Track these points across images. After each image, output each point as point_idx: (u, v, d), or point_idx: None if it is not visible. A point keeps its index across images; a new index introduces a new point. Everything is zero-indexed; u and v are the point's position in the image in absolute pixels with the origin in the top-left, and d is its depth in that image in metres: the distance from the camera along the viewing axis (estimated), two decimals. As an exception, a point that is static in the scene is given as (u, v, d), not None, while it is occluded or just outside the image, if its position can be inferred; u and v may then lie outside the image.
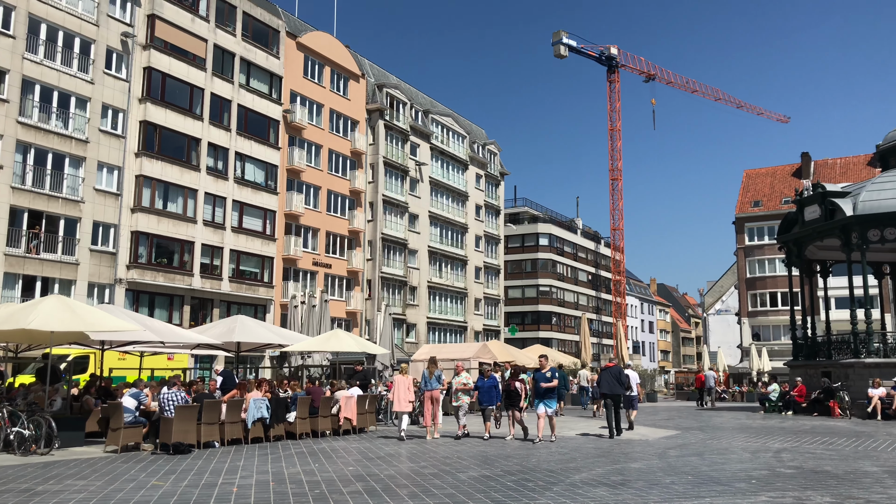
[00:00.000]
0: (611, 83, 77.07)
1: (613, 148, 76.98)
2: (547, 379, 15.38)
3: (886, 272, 32.52)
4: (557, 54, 74.04)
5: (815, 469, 11.20)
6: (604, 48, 76.28)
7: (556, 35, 73.86)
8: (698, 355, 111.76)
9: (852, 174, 60.07)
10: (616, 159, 77.00)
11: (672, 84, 77.85)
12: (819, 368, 26.34)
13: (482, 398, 16.17)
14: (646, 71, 77.24)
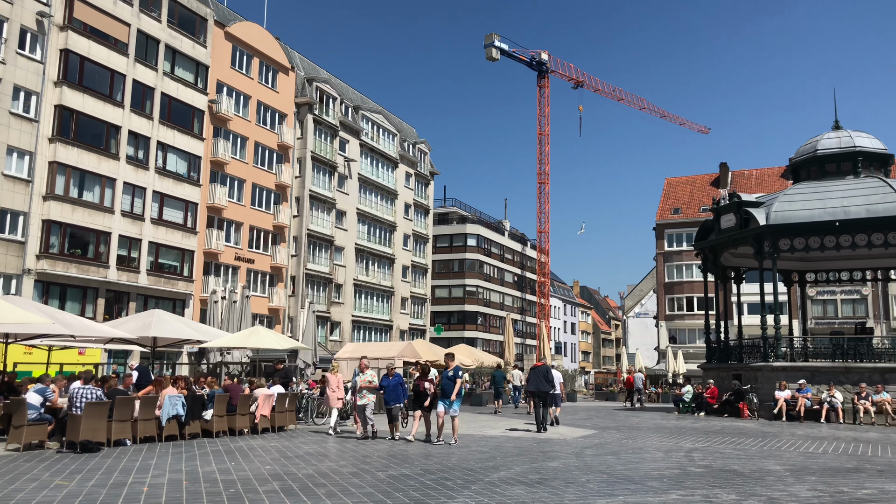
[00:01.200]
0: (540, 88, 78.22)
1: (542, 152, 78.17)
2: (450, 378, 14.88)
3: (795, 280, 34.03)
4: (489, 57, 74.66)
5: (724, 468, 11.61)
6: (535, 53, 77.36)
7: (488, 38, 74.47)
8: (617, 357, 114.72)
9: (767, 185, 62.71)
10: (544, 163, 78.21)
11: (599, 91, 79.62)
12: (730, 371, 27.35)
13: (388, 397, 15.72)
14: (574, 77, 78.73)
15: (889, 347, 26.40)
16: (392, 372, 15.89)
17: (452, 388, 14.76)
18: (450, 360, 15.36)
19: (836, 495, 9.11)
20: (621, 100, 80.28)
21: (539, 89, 78.27)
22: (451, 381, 14.84)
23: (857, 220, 24.43)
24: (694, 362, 44.94)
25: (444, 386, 14.90)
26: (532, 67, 77.96)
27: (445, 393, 14.83)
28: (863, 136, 28.56)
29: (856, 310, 59.02)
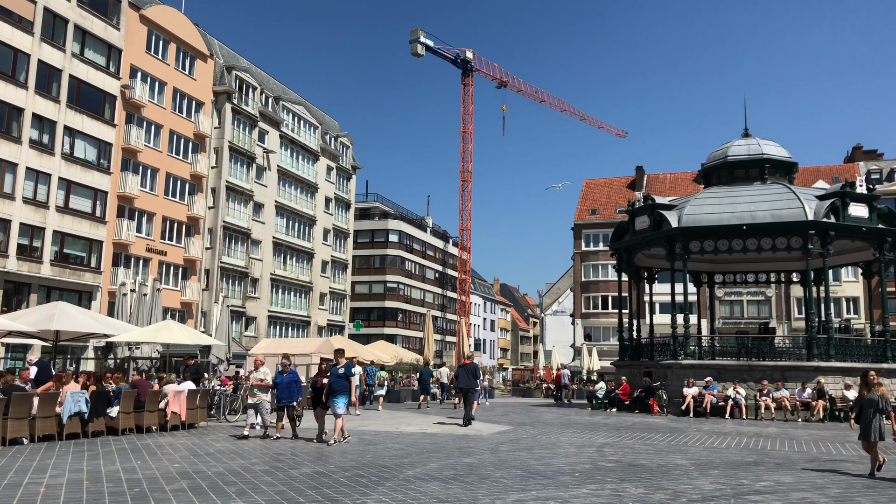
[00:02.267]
0: (465, 86, 78.64)
1: (465, 150, 78.62)
2: (340, 375, 14.19)
3: (705, 281, 35.31)
4: (414, 52, 74.54)
5: (633, 462, 11.91)
6: (460, 51, 77.67)
7: (413, 33, 74.33)
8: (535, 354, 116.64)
9: (680, 189, 64.91)
10: (467, 161, 78.70)
11: (522, 92, 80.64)
12: (642, 368, 28.16)
13: (281, 394, 14.91)
14: (498, 77, 79.49)
15: (790, 347, 27.75)
16: (287, 368, 15.11)
17: (344, 385, 14.15)
18: (340, 356, 14.57)
19: (737, 487, 9.47)
20: (543, 101, 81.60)
21: (463, 87, 78.69)
22: (342, 379, 14.18)
23: (763, 224, 25.50)
24: (608, 359, 46.08)
25: (334, 384, 14.22)
26: (457, 65, 78.29)
27: (335, 391, 14.16)
28: (770, 144, 29.85)
29: (760, 311, 61.83)
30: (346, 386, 14.23)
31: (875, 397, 10.73)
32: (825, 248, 24.98)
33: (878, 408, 10.68)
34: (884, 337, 26.57)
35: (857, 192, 25.79)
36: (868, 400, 10.82)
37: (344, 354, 14.97)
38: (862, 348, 26.44)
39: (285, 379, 14.96)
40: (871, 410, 10.69)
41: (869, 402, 10.79)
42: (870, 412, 10.71)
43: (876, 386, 10.94)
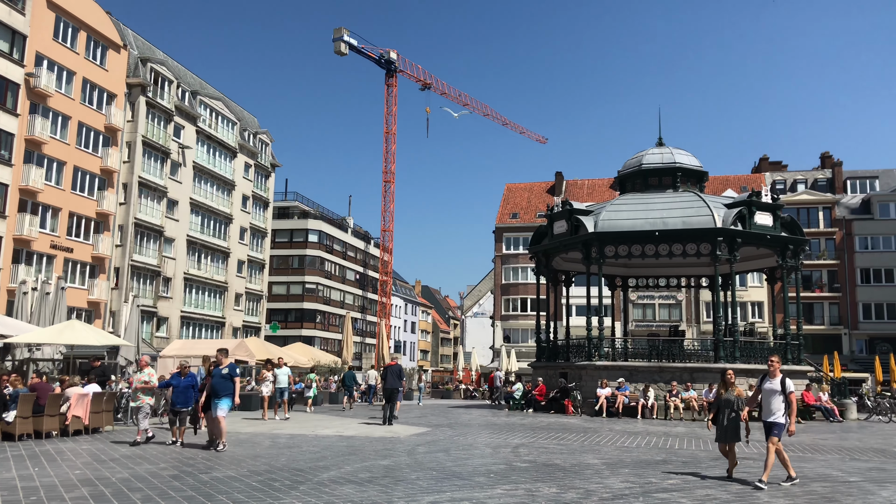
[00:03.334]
0: (389, 87, 78.39)
1: (388, 151, 78.33)
2: (224, 376, 13.47)
3: (619, 284, 36.28)
4: (338, 51, 73.80)
5: (547, 462, 12.08)
6: (384, 51, 77.36)
7: (337, 31, 73.59)
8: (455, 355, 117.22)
9: (597, 195, 66.51)
10: (390, 162, 78.42)
11: (446, 95, 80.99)
12: (558, 369, 28.68)
13: (176, 399, 13.96)
14: (422, 79, 79.58)
15: (698, 349, 28.80)
16: (185, 371, 14.25)
17: (227, 387, 13.45)
18: (223, 355, 13.83)
19: (646, 486, 9.73)
20: (467, 104, 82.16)
21: (387, 88, 78.42)
22: (226, 380, 13.50)
23: (674, 230, 26.38)
24: (526, 361, 46.73)
25: (216, 385, 13.48)
26: (381, 65, 77.95)
27: (217, 392, 13.40)
28: (682, 153, 30.93)
29: (671, 314, 63.98)
30: (229, 387, 13.48)
31: (732, 398, 10.56)
32: (732, 255, 26.04)
33: (735, 408, 10.53)
34: (785, 340, 27.91)
35: (763, 201, 26.94)
36: (724, 400, 10.65)
37: (227, 354, 14.15)
38: (765, 350, 27.65)
39: (183, 382, 14.04)
40: (728, 411, 10.54)
41: (726, 403, 10.61)
42: (726, 413, 10.56)
43: (733, 386, 10.76)
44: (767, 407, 10.17)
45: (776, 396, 10.12)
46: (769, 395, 10.20)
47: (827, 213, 63.21)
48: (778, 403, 10.08)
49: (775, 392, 10.13)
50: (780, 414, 10.04)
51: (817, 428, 22.15)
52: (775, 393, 10.13)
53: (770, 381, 10.25)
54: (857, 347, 60.61)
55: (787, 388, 10.10)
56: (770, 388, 10.21)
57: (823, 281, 62.66)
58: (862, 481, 10.56)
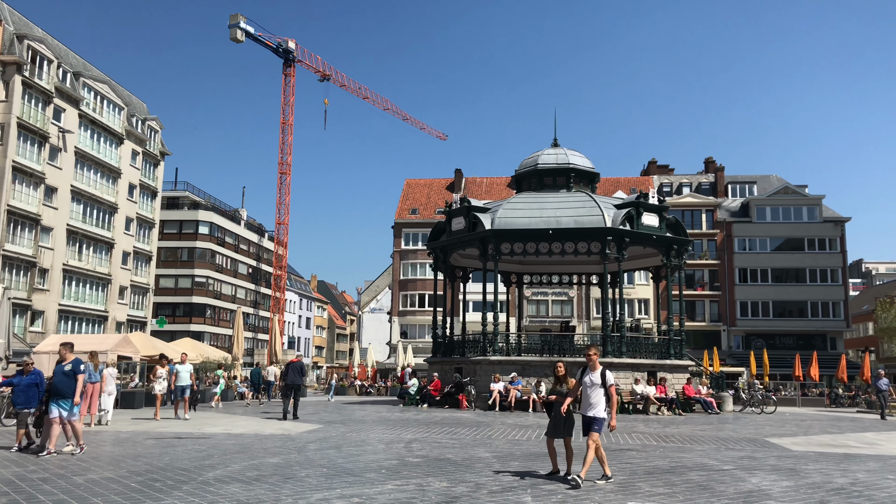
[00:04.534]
0: (286, 76, 76.76)
1: (284, 142, 76.73)
2: (66, 373, 12.25)
3: (514, 281, 36.97)
4: (234, 38, 71.66)
5: (439, 457, 12.10)
6: (282, 40, 75.68)
7: (233, 18, 71.43)
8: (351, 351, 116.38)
9: (495, 192, 67.52)
10: (286, 153, 76.84)
11: (346, 88, 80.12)
12: (453, 364, 28.90)
13: (16, 399, 12.70)
14: (321, 70, 78.40)
15: (588, 344, 29.67)
16: (28, 368, 12.95)
17: (69, 385, 12.22)
18: (67, 350, 12.58)
19: (532, 477, 9.89)
20: (367, 98, 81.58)
21: (284, 77, 76.77)
22: (69, 378, 12.27)
23: (567, 229, 27.10)
24: (422, 356, 46.94)
25: (58, 384, 12.22)
26: (278, 55, 76.23)
27: (60, 392, 12.18)
28: (576, 154, 31.79)
29: (563, 310, 65.80)
30: (71, 386, 12.26)
31: (564, 391, 10.14)
32: (620, 253, 27.00)
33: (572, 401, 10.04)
34: (668, 335, 29.19)
35: (650, 203, 28.07)
36: (557, 393, 10.24)
37: (72, 349, 12.78)
38: (649, 346, 28.86)
39: (24, 381, 12.69)
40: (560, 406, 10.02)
41: (558, 397, 10.17)
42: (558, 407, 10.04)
43: (565, 379, 10.32)
44: (587, 401, 9.77)
45: (596, 390, 9.72)
46: (589, 388, 9.77)
47: (709, 215, 66.66)
48: (598, 397, 9.70)
49: (595, 385, 9.73)
50: (600, 408, 9.67)
51: (696, 420, 23.28)
52: (595, 386, 9.73)
53: (590, 373, 9.79)
54: (734, 343, 64.29)
55: (608, 380, 9.71)
56: (590, 382, 9.76)
57: (705, 280, 66.08)
58: (734, 469, 11.13)
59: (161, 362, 21.63)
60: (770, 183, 69.72)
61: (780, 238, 65.30)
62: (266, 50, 75.55)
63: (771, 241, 65.44)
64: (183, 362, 21.47)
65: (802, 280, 64.46)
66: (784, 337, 63.61)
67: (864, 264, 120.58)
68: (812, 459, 12.68)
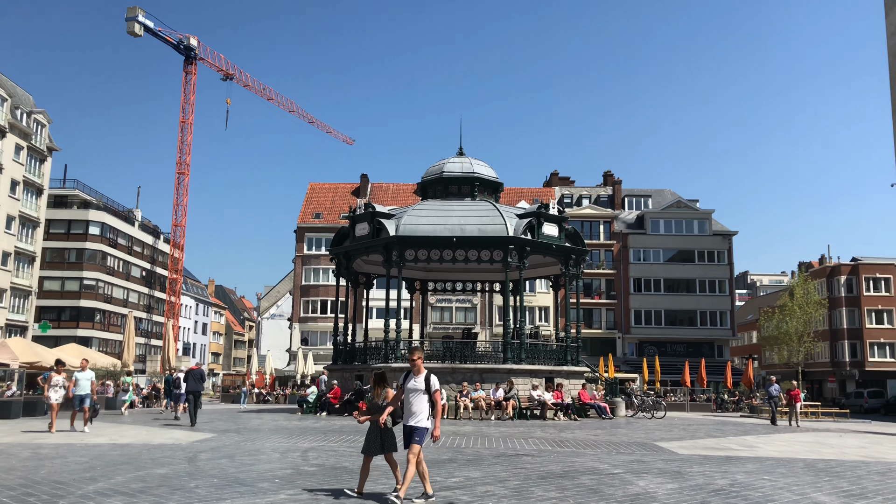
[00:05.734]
0: (187, 74, 74.31)
1: (183, 141, 74.20)
2: None
3: (418, 288, 37.06)
4: (131, 31, 68.78)
5: (335, 465, 11.94)
6: (183, 37, 73.24)
7: (131, 11, 68.57)
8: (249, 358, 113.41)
9: (402, 199, 67.53)
10: (185, 153, 74.32)
11: (249, 88, 78.30)
12: (354, 372, 28.66)
13: None
14: (224, 69, 76.34)
15: (490, 351, 30.08)
16: None
17: None
18: None
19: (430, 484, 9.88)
20: (271, 99, 79.97)
21: (185, 75, 74.29)
22: None
23: (471, 237, 27.43)
24: (323, 363, 46.30)
25: None
26: (179, 51, 73.70)
27: None
28: (481, 164, 32.23)
29: (467, 317, 66.44)
30: None
31: (381, 402, 9.21)
32: (522, 262, 27.53)
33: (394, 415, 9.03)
34: (565, 343, 29.95)
35: (551, 213, 28.79)
36: (373, 405, 9.43)
37: None
38: (548, 353, 29.54)
39: None
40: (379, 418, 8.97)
41: (374, 408, 9.34)
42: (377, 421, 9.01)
43: (384, 388, 9.38)
44: (409, 409, 8.75)
45: (419, 396, 8.73)
46: (412, 394, 8.76)
47: (607, 226, 68.97)
48: (421, 404, 8.74)
49: (418, 391, 8.73)
50: (423, 416, 8.70)
51: (591, 424, 23.95)
52: (418, 392, 8.73)
53: (413, 378, 8.79)
54: (629, 350, 66.64)
55: (432, 385, 8.72)
56: (413, 388, 8.77)
57: (602, 289, 68.26)
58: (624, 472, 11.50)
59: (57, 368, 19.77)
60: (664, 197, 72.81)
61: (673, 250, 68.24)
62: (167, 46, 72.95)
63: (664, 253, 68.28)
64: (83, 369, 19.79)
65: (693, 290, 67.54)
66: (675, 344, 66.44)
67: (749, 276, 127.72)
68: (696, 462, 13.26)
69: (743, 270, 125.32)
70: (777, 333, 45.52)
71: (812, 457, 14.73)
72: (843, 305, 67.49)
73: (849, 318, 67.25)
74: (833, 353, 68.39)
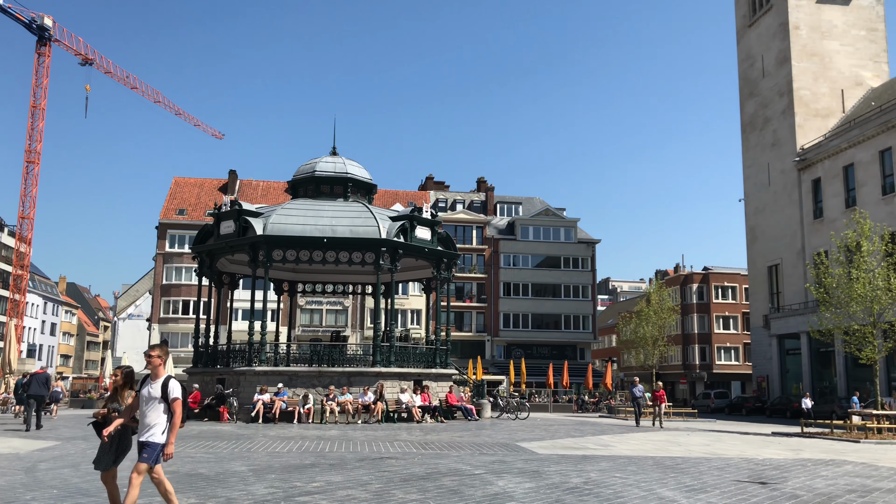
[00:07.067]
0: (40, 56, 69.12)
1: (34, 128, 68.90)
2: None
3: (286, 289, 36.21)
4: (-25, 6, 63.28)
5: (190, 472, 11.41)
6: (37, 15, 68.11)
7: (-25, -18, 63.13)
8: (103, 360, 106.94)
9: (272, 197, 65.83)
10: (35, 140, 69.06)
11: (111, 75, 73.81)
12: (215, 375, 27.60)
13: None
14: (83, 54, 71.60)
15: (360, 354, 29.81)
16: None
17: None
18: None
19: (290, 490, 9.65)
20: (135, 88, 75.74)
21: (38, 57, 69.08)
22: None
23: (342, 238, 27.09)
24: (184, 366, 44.35)
25: None
26: (32, 31, 68.41)
27: None
28: (354, 164, 31.95)
29: (338, 319, 65.68)
30: None
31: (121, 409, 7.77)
32: (394, 265, 27.51)
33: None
34: (434, 346, 30.19)
35: (423, 216, 28.95)
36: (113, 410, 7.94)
37: None
38: (417, 355, 29.64)
39: None
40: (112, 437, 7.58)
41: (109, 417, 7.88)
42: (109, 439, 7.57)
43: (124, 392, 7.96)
44: (142, 420, 7.29)
45: (154, 406, 7.25)
46: (146, 403, 7.27)
47: (479, 231, 70.31)
48: (156, 415, 7.24)
49: (153, 399, 7.25)
50: (157, 430, 7.22)
51: (457, 426, 24.25)
52: (153, 401, 7.25)
53: (150, 384, 7.31)
54: (497, 352, 68.18)
55: (171, 392, 7.25)
56: (148, 395, 7.27)
57: (474, 292, 69.48)
58: (485, 473, 11.68)
59: None
60: (534, 205, 75.15)
61: (541, 256, 70.50)
62: (17, 24, 67.59)
63: (532, 259, 70.42)
64: None
65: (558, 295, 70.03)
66: (541, 347, 68.64)
67: (610, 282, 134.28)
68: (554, 461, 13.68)
69: (605, 277, 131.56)
70: (634, 337, 47.90)
71: (661, 455, 15.56)
72: (694, 312, 72.20)
73: (699, 323, 72.03)
74: (685, 356, 72.98)
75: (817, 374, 44.49)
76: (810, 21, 48.64)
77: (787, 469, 13.18)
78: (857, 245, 25.62)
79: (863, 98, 47.49)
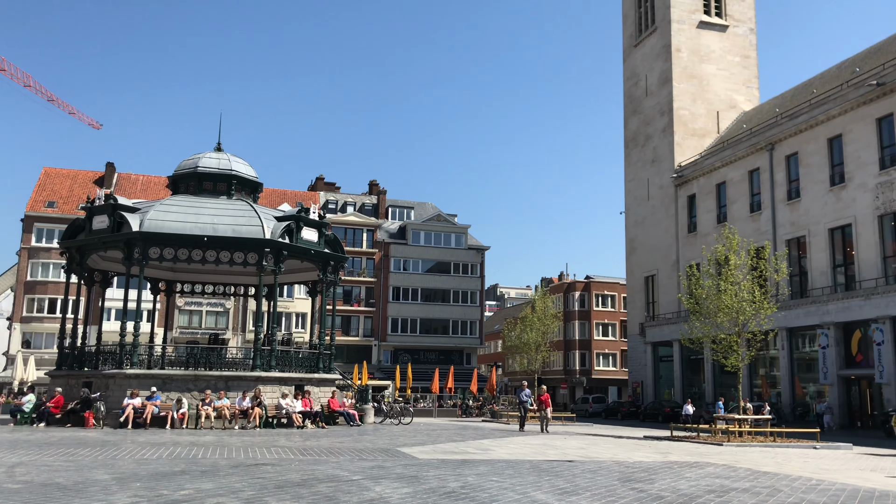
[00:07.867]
0: None
1: None
2: None
3: (163, 289, 34.65)
4: None
5: (47, 482, 10.64)
6: None
7: None
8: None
9: (152, 192, 62.94)
10: None
11: (-25, 55, 68.67)
12: (81, 378, 26.02)
13: None
14: (-55, 30, 66.27)
15: (240, 357, 28.90)
16: None
17: None
18: None
19: (156, 499, 9.14)
20: (3, 70, 70.84)
21: None
22: None
23: (224, 237, 26.17)
24: (47, 369, 41.60)
25: None
26: None
27: None
28: (240, 162, 31.00)
29: (218, 321, 63.56)
30: None
31: None
32: (278, 266, 26.84)
33: None
34: (318, 350, 29.68)
35: (311, 217, 28.41)
36: None
37: None
38: (300, 360, 29.05)
39: None
40: None
41: None
42: None
43: None
44: None
45: None
46: None
47: (370, 235, 69.96)
48: None
49: None
50: None
51: (338, 432, 23.91)
52: None
53: None
54: (384, 357, 67.97)
55: None
56: None
57: (362, 296, 69.01)
58: (363, 479, 11.51)
59: None
60: (426, 210, 75.53)
61: (432, 261, 70.92)
62: None
63: (423, 263, 70.73)
64: None
65: (447, 300, 70.64)
66: (428, 352, 68.98)
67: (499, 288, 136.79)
68: (434, 466, 13.67)
69: (493, 283, 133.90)
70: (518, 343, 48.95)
71: (538, 458, 15.87)
72: (576, 318, 74.64)
73: (580, 330, 74.53)
74: (566, 361, 75.28)
75: (688, 380, 46.95)
76: (691, 45, 51.47)
77: (655, 471, 13.73)
78: (726, 259, 27.16)
79: (735, 120, 50.68)
